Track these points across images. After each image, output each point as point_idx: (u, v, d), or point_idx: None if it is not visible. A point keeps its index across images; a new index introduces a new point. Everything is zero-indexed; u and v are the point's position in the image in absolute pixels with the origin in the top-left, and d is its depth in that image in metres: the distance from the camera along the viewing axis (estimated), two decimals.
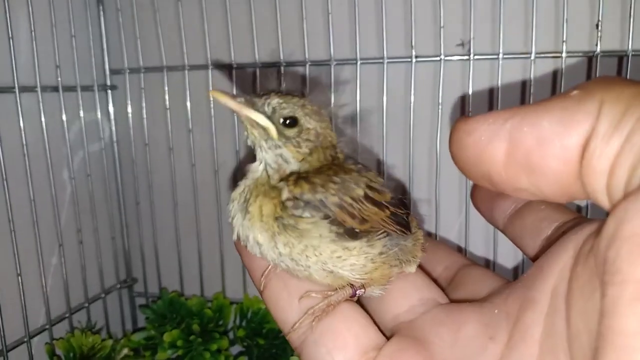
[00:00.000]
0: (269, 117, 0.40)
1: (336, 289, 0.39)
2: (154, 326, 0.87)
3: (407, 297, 0.39)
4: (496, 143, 0.27)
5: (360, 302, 0.40)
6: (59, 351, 0.79)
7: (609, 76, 0.25)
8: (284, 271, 0.40)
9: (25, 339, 0.76)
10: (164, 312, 0.88)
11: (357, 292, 0.39)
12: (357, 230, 0.38)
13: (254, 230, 0.39)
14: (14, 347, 0.74)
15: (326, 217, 0.37)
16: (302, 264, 0.38)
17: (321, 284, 0.39)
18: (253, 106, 0.39)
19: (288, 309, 0.39)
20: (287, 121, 0.40)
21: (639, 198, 0.20)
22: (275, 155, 0.40)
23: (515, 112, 0.26)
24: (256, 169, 0.41)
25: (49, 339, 0.80)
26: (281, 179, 0.40)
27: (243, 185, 0.41)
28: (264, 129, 0.40)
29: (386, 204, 0.40)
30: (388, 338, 0.36)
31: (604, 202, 0.23)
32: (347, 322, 0.36)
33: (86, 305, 0.87)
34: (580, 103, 0.24)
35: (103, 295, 0.91)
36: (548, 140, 0.25)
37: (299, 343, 0.37)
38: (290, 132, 0.40)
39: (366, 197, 0.39)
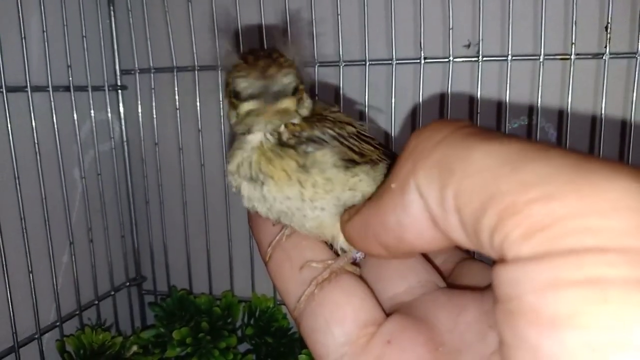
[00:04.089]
0: (284, 95, 0.38)
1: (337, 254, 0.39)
2: (163, 324, 0.87)
3: (405, 277, 0.38)
4: (374, 247, 0.30)
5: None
6: (69, 348, 0.80)
7: (422, 132, 0.27)
8: (296, 232, 0.39)
9: (36, 336, 0.77)
10: (173, 310, 0.88)
11: (357, 256, 0.39)
12: (358, 162, 0.39)
13: (283, 190, 0.38)
14: (25, 344, 0.76)
15: (329, 148, 0.38)
16: (317, 205, 0.38)
17: (329, 239, 0.39)
18: (270, 95, 0.37)
19: (289, 279, 0.38)
20: (294, 91, 0.38)
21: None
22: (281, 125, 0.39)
23: (366, 219, 0.30)
24: (252, 140, 0.39)
25: (60, 335, 0.82)
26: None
27: (240, 157, 0.39)
28: (286, 110, 0.38)
29: (377, 144, 0.42)
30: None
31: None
32: (347, 295, 0.36)
33: (96, 302, 0.88)
34: (403, 195, 0.26)
35: (113, 292, 0.92)
36: (405, 236, 0.27)
37: (298, 314, 0.37)
38: (297, 98, 0.39)
39: (358, 134, 0.40)
